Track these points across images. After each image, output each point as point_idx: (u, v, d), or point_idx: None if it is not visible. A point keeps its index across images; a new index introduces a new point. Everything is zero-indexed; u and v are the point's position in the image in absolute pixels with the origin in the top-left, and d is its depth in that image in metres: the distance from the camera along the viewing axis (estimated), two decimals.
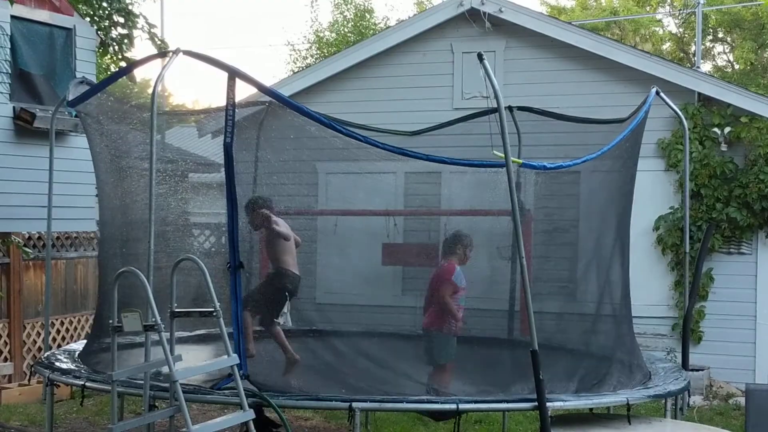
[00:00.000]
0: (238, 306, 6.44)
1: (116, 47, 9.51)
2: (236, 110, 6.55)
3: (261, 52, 74.30)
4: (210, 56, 6.37)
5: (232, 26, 72.83)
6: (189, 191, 8.90)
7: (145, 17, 9.45)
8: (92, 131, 7.77)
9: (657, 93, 7.95)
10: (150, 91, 6.51)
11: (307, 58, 31.84)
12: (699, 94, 11.84)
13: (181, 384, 5.81)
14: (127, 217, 7.68)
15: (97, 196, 8.95)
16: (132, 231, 7.50)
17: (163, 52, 6.66)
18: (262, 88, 6.68)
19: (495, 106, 6.22)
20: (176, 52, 6.31)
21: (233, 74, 6.29)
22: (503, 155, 6.07)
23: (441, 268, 7.73)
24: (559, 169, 6.80)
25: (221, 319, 6.08)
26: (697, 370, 10.81)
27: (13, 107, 8.30)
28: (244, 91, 8.83)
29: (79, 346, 8.39)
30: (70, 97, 7.41)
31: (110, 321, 6.09)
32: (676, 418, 7.34)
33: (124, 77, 8.36)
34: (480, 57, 6.11)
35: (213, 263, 7.81)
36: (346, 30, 31.06)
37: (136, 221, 7.41)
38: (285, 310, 8.65)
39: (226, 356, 6.13)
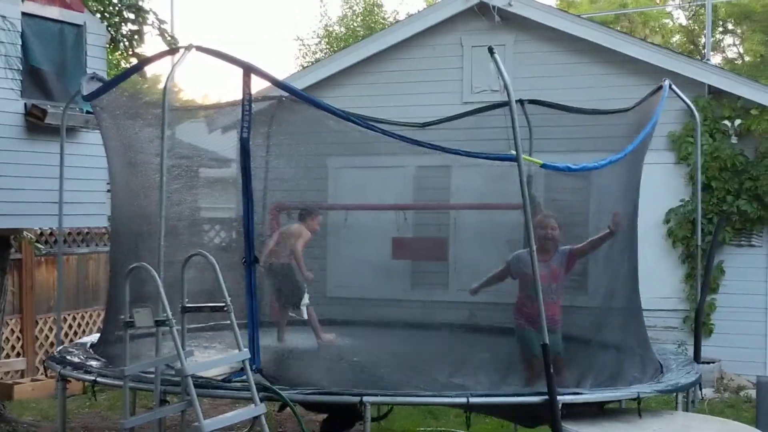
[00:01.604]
0: (253, 300, 6.45)
1: (126, 43, 9.53)
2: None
3: (270, 47, 74.28)
4: (223, 52, 6.34)
5: (241, 20, 72.83)
6: (200, 186, 8.93)
7: (155, 13, 9.48)
8: (106, 126, 7.81)
9: (670, 86, 7.90)
10: (160, 86, 6.52)
11: (316, 53, 31.80)
12: (709, 86, 11.82)
13: (192, 378, 5.83)
14: (139, 212, 7.71)
15: (109, 191, 8.99)
16: (144, 226, 7.53)
17: (175, 48, 6.65)
18: (277, 83, 6.68)
19: (505, 99, 6.20)
20: (189, 48, 6.28)
21: (248, 70, 6.28)
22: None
23: None
24: (584, 171, 6.73)
25: (232, 314, 6.09)
26: (708, 363, 10.79)
27: (25, 103, 8.32)
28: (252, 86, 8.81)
29: (90, 338, 8.43)
30: (84, 92, 7.47)
31: (122, 316, 6.12)
32: (687, 411, 7.34)
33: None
34: (491, 51, 6.09)
35: (229, 258, 7.84)
36: (355, 25, 31.02)
37: (148, 216, 7.44)
38: (305, 300, 8.75)
39: (237, 350, 6.15)
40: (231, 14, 72.32)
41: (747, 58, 32.48)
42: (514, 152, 6.07)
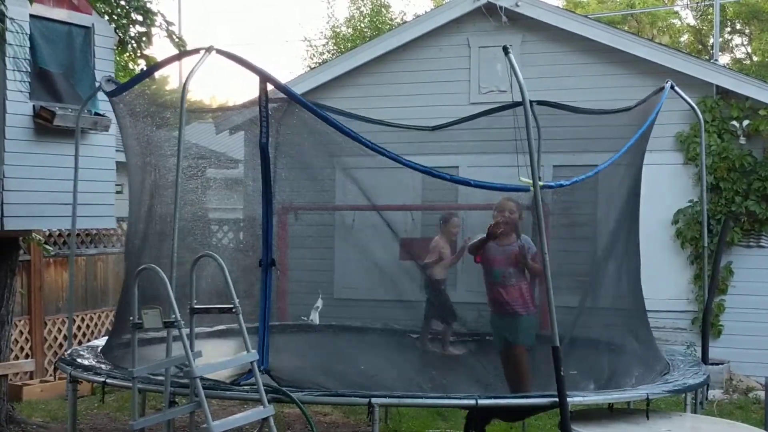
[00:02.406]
0: (267, 303, 6.46)
1: (135, 45, 9.55)
2: (250, 108, 6.57)
3: (275, 47, 74.41)
4: (241, 57, 6.31)
5: (248, 22, 72.98)
6: (209, 187, 8.95)
7: (163, 15, 9.47)
8: (125, 125, 7.87)
9: (672, 87, 7.89)
10: (168, 87, 6.54)
11: (323, 53, 31.84)
12: (717, 86, 11.80)
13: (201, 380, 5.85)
14: (153, 212, 7.74)
15: (119, 192, 9.02)
16: (158, 226, 7.56)
17: (193, 50, 6.62)
18: (292, 97, 6.73)
19: (515, 99, 6.20)
20: (209, 50, 6.25)
21: (264, 78, 6.31)
22: (530, 181, 6.02)
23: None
24: (575, 183, 6.74)
25: (240, 315, 6.11)
26: (717, 364, 10.77)
27: (33, 105, 8.33)
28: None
29: (101, 342, 8.45)
30: (107, 90, 7.61)
31: (131, 318, 6.14)
32: (695, 412, 7.33)
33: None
34: (505, 50, 6.09)
35: (243, 258, 7.84)
36: (362, 25, 31.04)
37: (162, 216, 7.47)
38: (318, 304, 8.73)
39: (245, 352, 6.16)
40: (234, 14, 72.47)
41: (755, 58, 32.42)
42: (524, 181, 6.05)
